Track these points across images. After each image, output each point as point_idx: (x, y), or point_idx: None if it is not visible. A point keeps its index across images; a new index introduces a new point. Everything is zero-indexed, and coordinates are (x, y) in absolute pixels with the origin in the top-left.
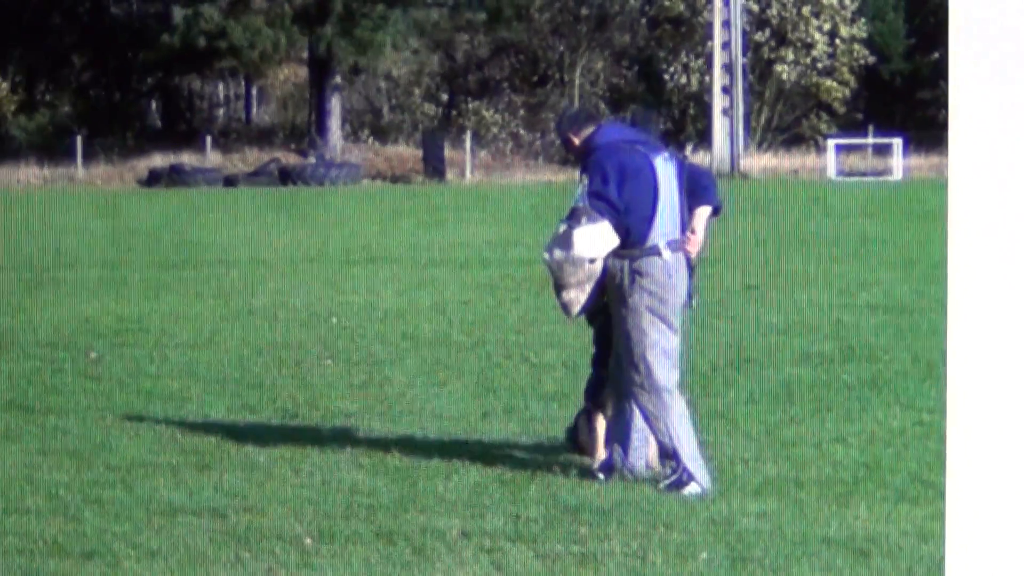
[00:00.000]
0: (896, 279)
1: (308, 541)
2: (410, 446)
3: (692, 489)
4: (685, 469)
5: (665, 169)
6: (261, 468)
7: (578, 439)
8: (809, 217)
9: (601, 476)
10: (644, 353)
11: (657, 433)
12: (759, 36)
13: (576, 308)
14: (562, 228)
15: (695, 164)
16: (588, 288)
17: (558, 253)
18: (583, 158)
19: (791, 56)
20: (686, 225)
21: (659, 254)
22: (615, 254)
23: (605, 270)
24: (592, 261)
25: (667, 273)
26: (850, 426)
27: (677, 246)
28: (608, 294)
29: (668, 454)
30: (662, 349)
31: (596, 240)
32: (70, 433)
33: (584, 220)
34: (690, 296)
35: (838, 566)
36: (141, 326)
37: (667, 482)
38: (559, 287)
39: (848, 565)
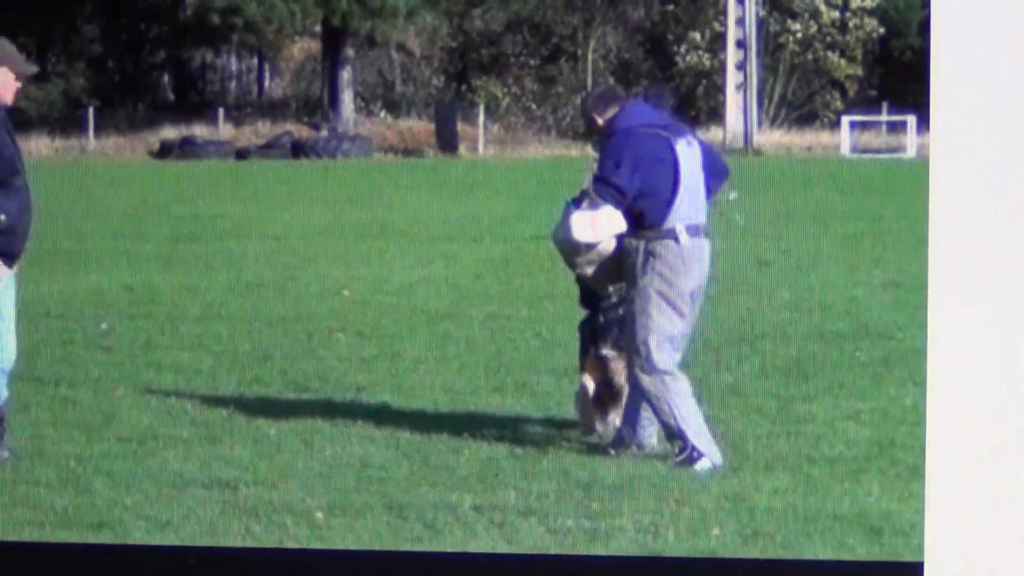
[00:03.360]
0: (910, 256)
1: (319, 515)
2: (421, 420)
3: (703, 465)
4: (693, 447)
5: (687, 153)
6: (272, 441)
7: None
8: (823, 194)
9: (612, 452)
10: (647, 337)
11: (660, 414)
12: (762, 11)
13: (592, 278)
14: (566, 211)
15: (716, 152)
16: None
17: (559, 236)
18: (603, 139)
19: (798, 27)
20: (709, 196)
21: (676, 238)
22: (633, 234)
23: (620, 249)
24: (590, 247)
25: (681, 257)
26: (863, 403)
27: (696, 231)
28: (623, 273)
29: (673, 434)
30: (666, 334)
31: (595, 225)
32: (80, 404)
33: (586, 204)
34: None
35: (850, 543)
36: (152, 298)
37: (677, 460)
38: (570, 265)
39: (860, 542)
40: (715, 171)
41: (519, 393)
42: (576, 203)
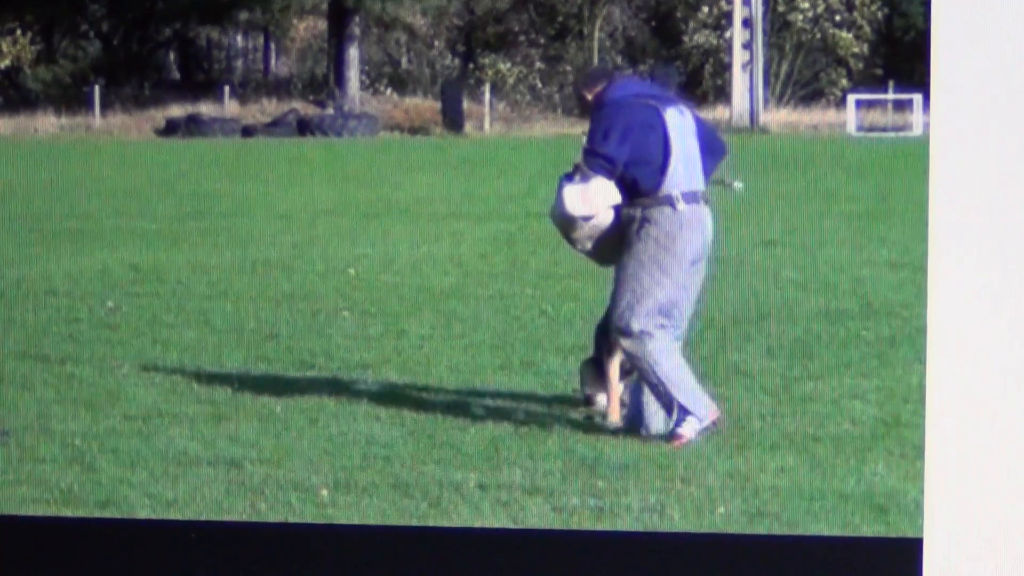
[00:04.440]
0: (916, 235)
1: (324, 492)
2: (427, 398)
3: (691, 425)
4: (681, 407)
5: (678, 121)
6: (277, 419)
7: (583, 390)
8: (829, 172)
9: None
10: (632, 301)
11: (643, 375)
12: None
13: (593, 252)
14: (559, 186)
15: (713, 131)
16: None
17: (554, 212)
18: (592, 113)
19: (806, 4)
20: (706, 178)
21: (672, 204)
22: (629, 204)
23: (619, 221)
24: (585, 220)
25: (677, 224)
26: (868, 382)
27: (694, 198)
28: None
29: (660, 396)
30: (655, 299)
31: (586, 198)
32: (86, 382)
33: (577, 178)
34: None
35: (855, 522)
36: (158, 276)
37: (671, 429)
38: (569, 241)
39: (865, 521)
40: (712, 149)
41: (525, 371)
42: (568, 178)
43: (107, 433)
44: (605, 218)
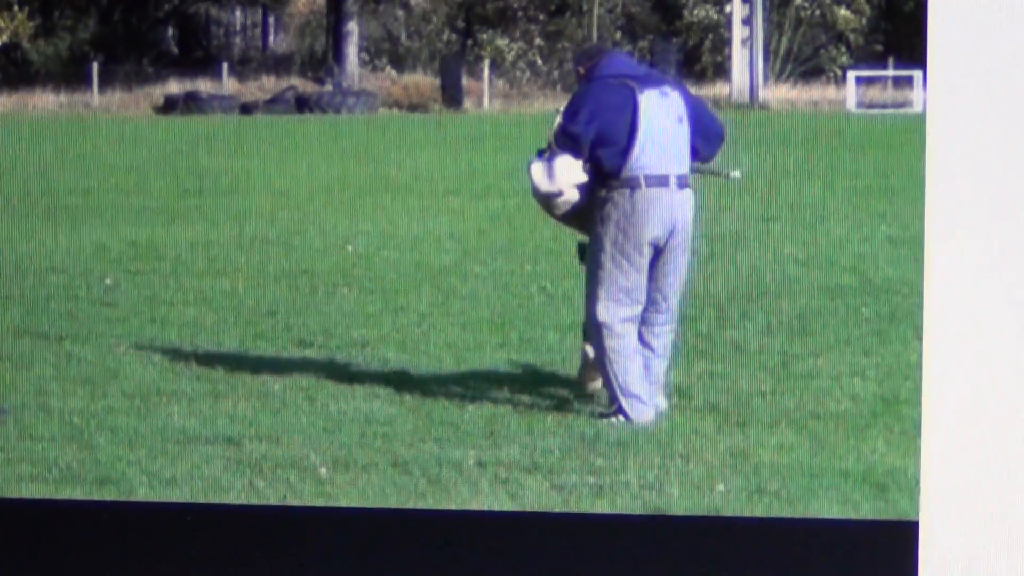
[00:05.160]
0: (916, 212)
1: (323, 470)
2: (425, 376)
3: (617, 420)
4: (619, 406)
5: (656, 103)
6: (276, 397)
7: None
8: (829, 149)
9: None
10: (597, 287)
11: (599, 362)
12: None
13: (572, 226)
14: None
15: (710, 114)
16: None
17: (531, 187)
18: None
19: None
20: (692, 160)
21: (633, 187)
22: (598, 184)
23: (584, 199)
24: (553, 196)
25: (638, 208)
26: (868, 359)
27: (663, 181)
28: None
29: (607, 386)
30: (620, 286)
31: (551, 174)
32: (84, 360)
33: (546, 156)
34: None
35: (855, 499)
36: (156, 253)
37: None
38: (550, 215)
39: (865, 498)
40: (707, 135)
41: (523, 348)
42: (540, 155)
43: (105, 411)
44: (572, 195)
